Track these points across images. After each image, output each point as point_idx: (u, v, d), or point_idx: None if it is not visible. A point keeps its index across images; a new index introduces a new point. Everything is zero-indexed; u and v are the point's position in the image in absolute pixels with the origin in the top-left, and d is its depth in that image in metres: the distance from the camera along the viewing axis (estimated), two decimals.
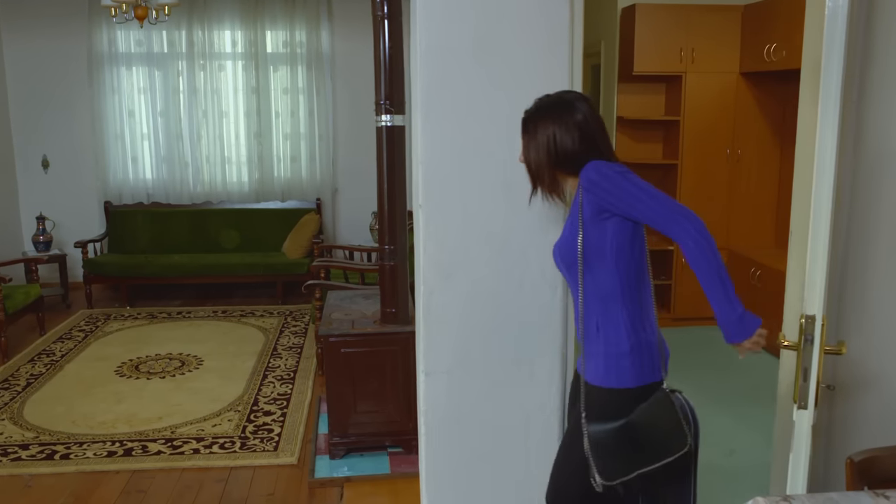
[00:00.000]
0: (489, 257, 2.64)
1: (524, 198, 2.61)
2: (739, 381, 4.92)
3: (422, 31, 2.50)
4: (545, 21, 2.54)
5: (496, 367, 2.70)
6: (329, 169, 7.61)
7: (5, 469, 3.79)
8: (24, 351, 5.65)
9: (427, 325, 2.66)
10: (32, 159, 7.49)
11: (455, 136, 2.58)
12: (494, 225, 2.63)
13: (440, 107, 2.55)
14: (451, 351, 2.68)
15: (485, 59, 2.54)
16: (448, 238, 2.62)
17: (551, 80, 2.54)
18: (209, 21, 7.28)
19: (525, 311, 2.69)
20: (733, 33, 5.75)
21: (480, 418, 2.73)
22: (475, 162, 2.60)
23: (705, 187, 5.96)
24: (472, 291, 2.65)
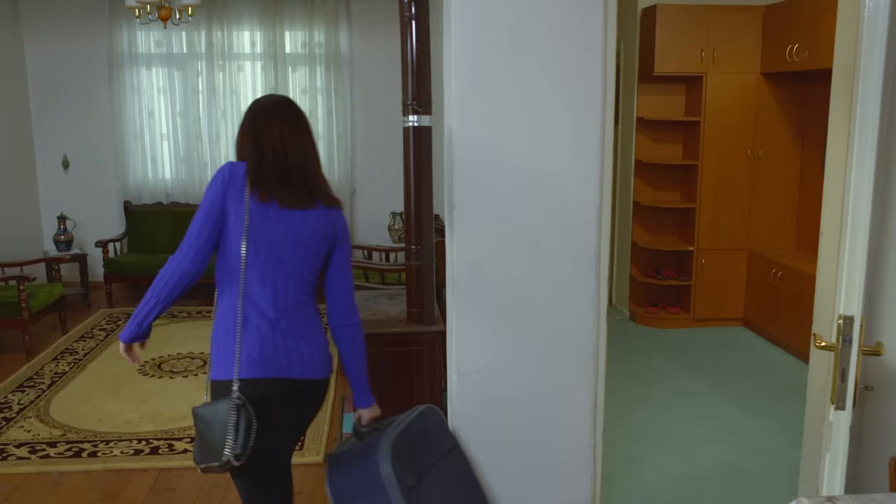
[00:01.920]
0: (520, 258, 2.64)
1: (555, 198, 2.62)
2: (763, 382, 4.91)
3: (457, 32, 2.51)
4: (579, 20, 2.54)
5: (527, 367, 2.71)
6: (347, 169, 7.63)
7: (35, 466, 3.82)
8: (48, 350, 5.69)
9: (459, 325, 2.67)
10: (53, 159, 7.55)
11: (487, 136, 2.58)
12: (526, 225, 2.64)
13: (474, 107, 2.56)
14: (483, 351, 2.68)
15: (519, 59, 2.55)
16: (480, 238, 2.62)
17: (585, 80, 2.55)
18: (228, 22, 7.32)
19: (556, 312, 2.69)
20: (754, 34, 5.73)
21: (511, 418, 2.73)
22: (507, 162, 2.60)
23: (725, 188, 5.95)
24: (504, 292, 2.65)
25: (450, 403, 2.80)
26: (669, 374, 5.05)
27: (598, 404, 2.80)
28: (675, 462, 3.82)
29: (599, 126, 2.60)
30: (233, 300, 2.32)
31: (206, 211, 2.27)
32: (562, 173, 2.61)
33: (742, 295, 6.09)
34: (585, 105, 2.59)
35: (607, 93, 2.61)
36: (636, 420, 4.29)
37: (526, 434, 2.75)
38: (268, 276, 2.31)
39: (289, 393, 2.34)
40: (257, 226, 2.28)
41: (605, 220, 2.68)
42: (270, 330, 2.31)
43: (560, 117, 2.57)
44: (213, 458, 2.21)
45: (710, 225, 6.00)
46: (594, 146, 2.61)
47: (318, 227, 2.37)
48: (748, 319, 6.05)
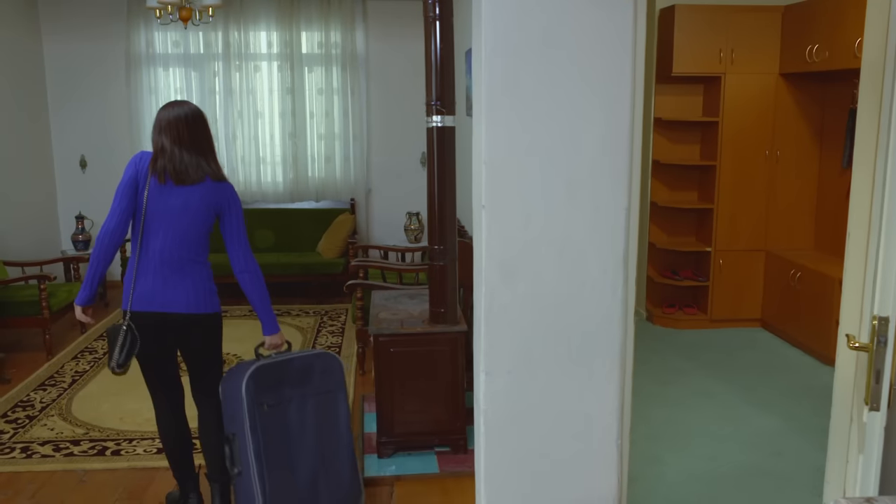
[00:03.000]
0: (551, 257, 2.64)
1: (586, 197, 2.62)
2: (782, 383, 4.90)
3: (487, 31, 2.51)
4: (609, 20, 2.54)
5: (556, 366, 2.71)
6: (363, 169, 7.65)
7: (59, 464, 3.85)
8: (68, 348, 5.73)
9: (488, 324, 2.66)
10: (70, 159, 7.59)
11: (518, 135, 2.58)
12: (556, 225, 2.63)
13: (504, 106, 2.55)
14: (512, 351, 2.68)
15: (549, 58, 2.54)
16: (509, 238, 2.62)
17: (615, 81, 2.55)
18: (245, 22, 7.34)
19: (585, 312, 2.69)
20: (773, 34, 5.72)
21: (540, 418, 2.73)
22: (537, 162, 2.60)
23: (744, 188, 5.94)
24: (534, 291, 2.65)
25: (477, 403, 2.80)
26: (688, 375, 5.04)
27: (626, 405, 2.80)
28: (696, 462, 3.82)
29: (629, 127, 2.60)
30: (135, 252, 3.06)
31: (123, 186, 3.05)
32: (591, 173, 2.61)
33: (759, 296, 6.07)
34: (615, 106, 2.58)
35: (636, 94, 2.61)
36: (656, 420, 4.29)
37: (553, 433, 2.75)
38: (159, 235, 3.03)
39: (162, 323, 3.09)
40: (154, 197, 3.02)
41: (633, 220, 2.68)
42: (154, 275, 3.04)
43: (590, 118, 2.57)
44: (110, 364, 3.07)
45: (727, 225, 5.99)
46: (624, 147, 2.60)
47: (204, 197, 3.08)
48: (766, 320, 6.04)
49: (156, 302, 3.05)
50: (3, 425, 4.33)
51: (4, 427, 4.30)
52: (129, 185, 3.04)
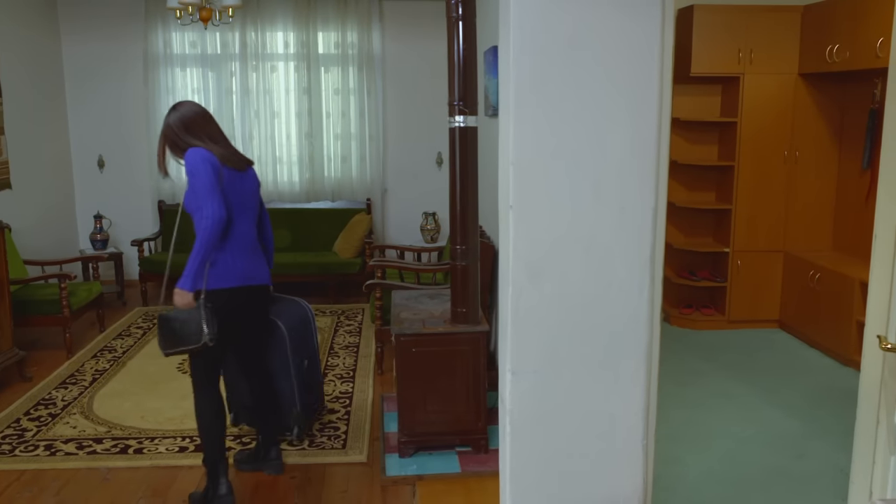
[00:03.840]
0: (577, 258, 2.65)
1: (613, 198, 2.62)
2: (801, 384, 4.89)
3: (515, 32, 2.51)
4: (636, 22, 2.54)
5: (582, 367, 2.71)
6: (379, 169, 7.67)
7: (83, 462, 3.87)
8: (87, 347, 5.76)
9: (515, 324, 2.67)
10: (88, 159, 7.63)
11: (545, 136, 2.59)
12: (583, 225, 2.64)
13: (531, 107, 2.56)
14: (539, 351, 2.69)
15: (576, 59, 2.55)
16: (537, 239, 2.63)
17: (642, 82, 2.55)
18: (262, 22, 7.37)
19: (612, 312, 2.69)
20: (792, 34, 5.70)
21: (566, 418, 2.74)
22: (564, 162, 2.61)
23: (762, 189, 5.92)
24: (560, 292, 2.66)
25: (502, 403, 2.81)
26: (706, 376, 5.03)
27: (651, 405, 2.81)
28: (717, 463, 3.81)
29: (656, 128, 2.60)
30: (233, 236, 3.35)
31: (213, 178, 3.19)
32: (618, 174, 2.61)
33: (778, 297, 6.05)
34: (642, 107, 2.58)
35: (664, 94, 2.61)
36: (676, 421, 4.28)
37: (579, 434, 2.75)
38: (242, 218, 3.38)
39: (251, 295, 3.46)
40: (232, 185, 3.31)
41: (660, 221, 2.68)
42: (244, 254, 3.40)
43: (616, 119, 2.57)
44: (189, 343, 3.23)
45: (745, 226, 5.97)
46: (650, 148, 2.61)
47: (255, 180, 3.52)
48: (784, 321, 6.02)
49: (251, 277, 3.42)
50: (26, 423, 4.36)
51: (28, 425, 4.33)
52: (217, 176, 3.22)
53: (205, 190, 3.16)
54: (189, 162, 3.22)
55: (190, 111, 3.36)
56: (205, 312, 3.20)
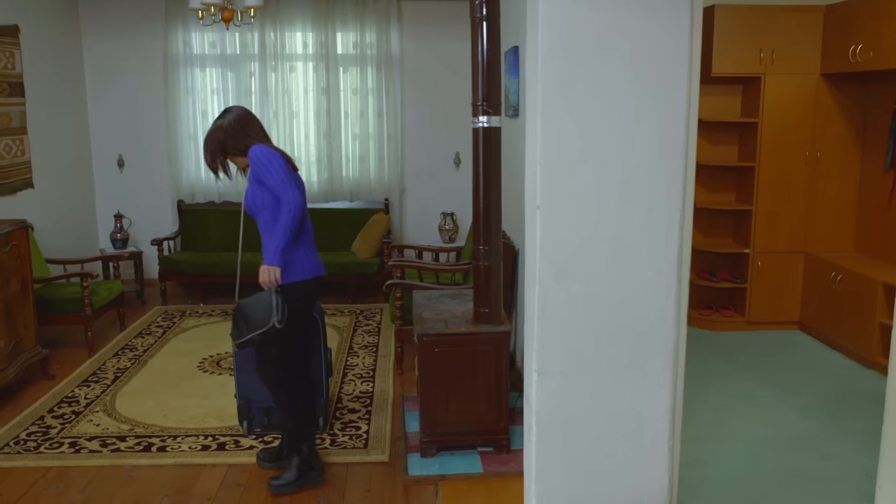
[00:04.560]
0: (604, 258, 2.64)
1: (640, 199, 2.62)
2: (823, 386, 4.86)
3: (543, 32, 2.51)
4: (664, 23, 2.54)
5: (609, 367, 2.71)
6: (397, 169, 7.68)
7: (107, 459, 3.90)
8: (108, 345, 5.80)
9: (541, 324, 2.67)
10: (108, 159, 7.68)
11: (572, 137, 2.59)
12: (610, 226, 2.64)
13: (559, 107, 2.56)
14: (565, 351, 2.69)
15: (604, 60, 2.55)
16: (563, 239, 2.63)
17: (670, 83, 2.55)
18: (281, 23, 7.40)
19: (639, 313, 2.69)
20: (814, 34, 5.67)
21: (592, 418, 2.74)
22: (591, 163, 2.60)
23: (783, 190, 5.89)
24: (587, 292, 2.66)
25: (528, 403, 2.81)
26: (727, 377, 5.01)
27: (677, 406, 2.80)
28: (740, 465, 3.79)
29: (684, 129, 2.60)
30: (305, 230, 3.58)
31: (287, 170, 3.43)
32: (645, 175, 2.60)
33: (798, 298, 6.02)
34: (670, 107, 2.58)
35: (692, 96, 2.61)
36: (698, 421, 4.27)
37: (605, 434, 2.75)
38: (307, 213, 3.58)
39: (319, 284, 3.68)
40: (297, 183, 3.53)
41: (687, 222, 2.68)
42: (313, 247, 3.66)
43: (644, 119, 2.57)
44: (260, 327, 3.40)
45: (766, 227, 5.94)
46: (678, 148, 2.60)
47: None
48: (804, 323, 5.98)
49: (318, 268, 3.65)
50: (50, 420, 4.40)
51: (52, 422, 4.37)
52: (288, 167, 3.46)
53: (280, 179, 3.36)
54: (259, 158, 3.38)
55: (244, 112, 3.58)
56: (275, 297, 3.39)
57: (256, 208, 3.49)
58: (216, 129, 3.51)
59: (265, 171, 3.37)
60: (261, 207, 3.47)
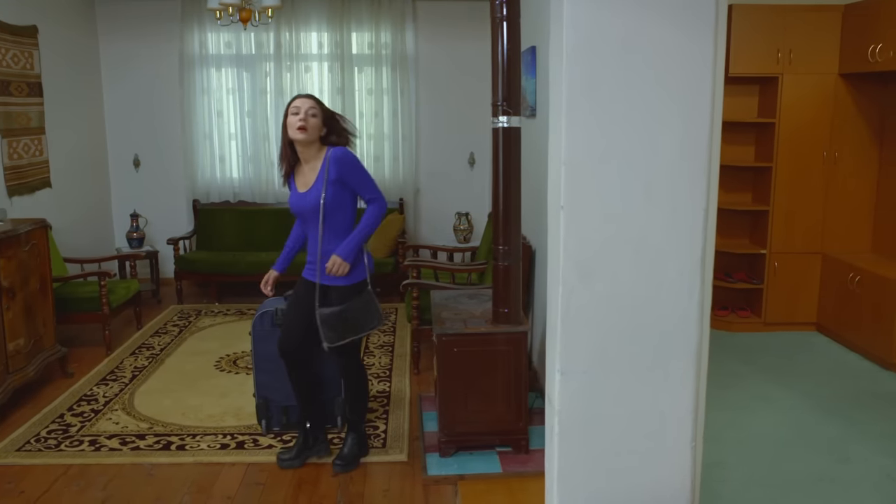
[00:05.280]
0: (628, 259, 2.64)
1: (663, 199, 2.61)
2: (841, 388, 4.84)
3: (568, 33, 2.51)
4: (689, 25, 2.53)
5: (632, 367, 2.71)
6: (412, 169, 7.68)
7: (127, 458, 3.92)
8: (125, 344, 5.83)
9: (564, 324, 2.67)
10: (124, 158, 7.72)
11: (596, 137, 2.58)
12: (633, 226, 2.63)
13: (584, 108, 2.56)
14: (588, 351, 2.69)
15: (629, 60, 2.54)
16: (587, 239, 2.63)
17: (694, 83, 2.54)
18: (297, 23, 7.41)
19: (662, 313, 2.68)
20: (833, 34, 5.65)
21: (615, 418, 2.73)
22: (615, 163, 2.60)
23: (800, 190, 5.87)
24: (610, 292, 2.65)
25: (550, 403, 2.81)
26: (745, 379, 5.00)
27: (700, 407, 2.79)
28: (761, 467, 3.78)
29: (707, 131, 2.59)
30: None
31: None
32: (669, 176, 2.60)
33: (815, 299, 5.99)
34: (693, 111, 2.58)
35: (716, 98, 2.60)
36: (717, 423, 4.25)
37: (628, 434, 2.75)
38: None
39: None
40: None
41: (711, 223, 2.67)
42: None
43: (668, 121, 2.56)
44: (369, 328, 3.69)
45: (783, 227, 5.92)
46: (702, 150, 2.60)
47: None
48: (821, 324, 5.96)
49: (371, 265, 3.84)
50: (70, 418, 4.42)
51: (71, 420, 4.39)
52: None
53: (372, 182, 3.65)
54: (351, 160, 3.61)
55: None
56: (375, 297, 3.69)
57: (334, 208, 3.57)
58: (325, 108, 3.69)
59: (357, 172, 3.59)
60: (339, 208, 3.58)
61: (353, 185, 3.60)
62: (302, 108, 3.55)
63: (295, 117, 3.54)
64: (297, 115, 3.54)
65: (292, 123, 3.55)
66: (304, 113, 3.53)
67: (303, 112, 3.54)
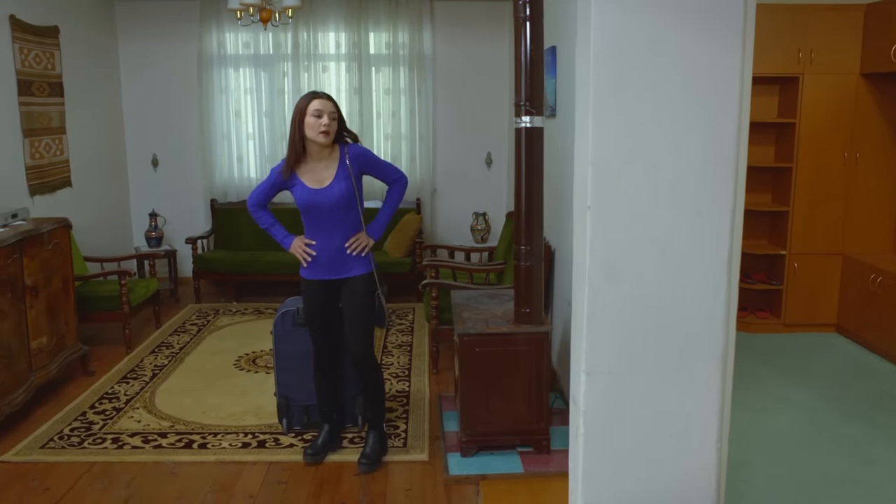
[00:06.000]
0: (653, 259, 2.64)
1: (689, 200, 2.61)
2: (863, 389, 4.81)
3: (596, 32, 2.51)
4: (718, 24, 2.53)
5: (657, 368, 2.70)
6: (429, 169, 7.68)
7: (150, 456, 3.94)
8: (145, 343, 5.86)
9: (590, 324, 2.67)
10: (143, 158, 7.75)
11: (623, 138, 2.58)
12: (659, 227, 2.63)
13: (611, 108, 2.56)
14: (614, 351, 2.68)
15: (656, 61, 2.54)
16: (614, 239, 2.62)
17: (721, 84, 2.54)
18: (314, 23, 7.43)
19: (688, 314, 2.68)
20: (854, 33, 5.61)
21: (640, 419, 2.73)
22: (642, 164, 2.60)
23: (821, 191, 5.83)
24: (636, 292, 2.65)
25: (575, 403, 2.80)
26: (766, 380, 4.97)
27: (725, 409, 2.79)
28: (784, 468, 3.76)
29: (734, 133, 2.59)
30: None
31: None
32: (695, 177, 2.59)
33: (835, 300, 5.96)
34: (720, 111, 2.57)
35: (743, 99, 2.59)
36: (739, 424, 4.20)
37: (653, 434, 2.74)
38: None
39: None
40: None
41: (737, 224, 2.66)
42: None
43: (695, 122, 2.56)
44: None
45: (803, 228, 5.89)
46: (728, 152, 2.59)
47: None
48: (842, 325, 5.92)
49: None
50: (92, 416, 4.45)
51: (94, 418, 4.42)
52: None
53: (389, 163, 3.86)
54: (368, 153, 3.78)
55: None
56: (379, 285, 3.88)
57: (354, 203, 3.69)
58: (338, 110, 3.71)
59: (376, 162, 3.77)
60: (357, 203, 3.70)
61: (377, 174, 3.78)
62: (325, 112, 3.56)
63: (318, 120, 3.55)
64: (321, 119, 3.55)
65: (314, 125, 3.56)
66: (327, 117, 3.55)
67: (326, 116, 3.55)
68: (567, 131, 4.64)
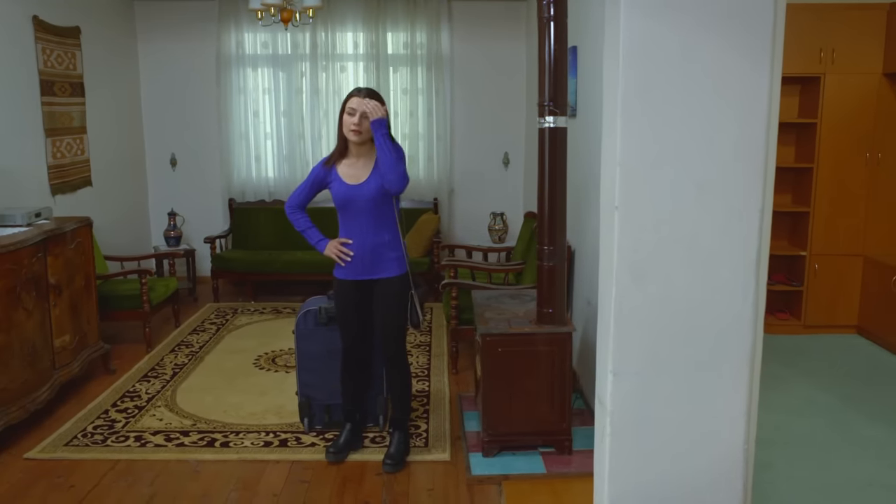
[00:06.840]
0: (681, 260, 2.63)
1: (717, 201, 2.60)
2: (886, 391, 4.78)
3: (625, 36, 2.51)
4: (747, 28, 2.52)
5: (685, 369, 2.69)
6: (447, 169, 7.69)
7: (172, 454, 3.96)
8: (165, 342, 5.89)
9: (617, 325, 2.66)
10: (162, 157, 7.79)
11: (651, 140, 2.57)
12: (686, 228, 2.62)
13: (639, 110, 2.55)
14: (641, 352, 2.68)
15: (684, 64, 2.53)
16: (641, 240, 2.62)
17: (750, 85, 2.53)
18: (332, 23, 7.45)
19: (715, 315, 2.67)
20: (877, 33, 5.57)
21: (667, 420, 2.72)
22: (669, 165, 2.59)
23: (841, 192, 5.80)
24: (664, 293, 2.64)
25: (602, 404, 2.80)
26: (788, 381, 4.95)
27: (752, 410, 2.78)
28: (809, 471, 3.74)
29: (763, 134, 2.58)
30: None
31: None
32: (723, 177, 2.58)
33: (856, 302, 5.92)
34: (748, 112, 2.56)
35: (773, 97, 2.59)
36: (764, 426, 4.19)
37: (680, 435, 2.73)
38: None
39: None
40: None
41: (766, 224, 2.65)
42: None
43: (723, 123, 2.55)
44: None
45: (823, 229, 5.85)
46: (758, 152, 2.58)
47: None
48: (862, 327, 5.88)
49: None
50: (114, 414, 4.47)
51: (116, 416, 4.45)
52: None
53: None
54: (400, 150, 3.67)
55: None
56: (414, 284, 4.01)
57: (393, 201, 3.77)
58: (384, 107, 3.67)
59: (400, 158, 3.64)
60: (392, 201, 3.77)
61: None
62: (358, 111, 3.56)
63: (350, 119, 3.57)
64: (353, 118, 3.57)
65: (347, 123, 3.59)
66: (358, 117, 3.56)
67: (357, 116, 3.56)
68: (588, 131, 4.63)
